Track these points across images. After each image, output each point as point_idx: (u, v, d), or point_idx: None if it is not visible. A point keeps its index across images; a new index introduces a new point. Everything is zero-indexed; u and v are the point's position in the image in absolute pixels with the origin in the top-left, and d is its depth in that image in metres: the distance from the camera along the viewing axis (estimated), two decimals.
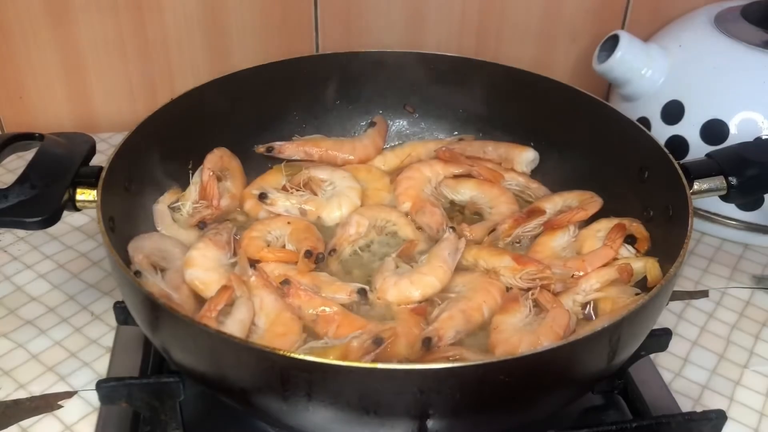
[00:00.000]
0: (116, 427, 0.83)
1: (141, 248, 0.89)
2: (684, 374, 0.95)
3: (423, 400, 0.64)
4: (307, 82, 1.12)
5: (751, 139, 1.07)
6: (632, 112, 1.17)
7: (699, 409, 0.83)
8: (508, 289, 0.90)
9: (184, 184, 1.01)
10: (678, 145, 1.14)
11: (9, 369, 0.92)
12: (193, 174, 1.01)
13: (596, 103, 1.02)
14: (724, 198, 0.91)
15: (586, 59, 1.23)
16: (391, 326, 0.83)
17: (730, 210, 1.15)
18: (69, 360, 0.93)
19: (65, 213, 0.82)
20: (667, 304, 0.84)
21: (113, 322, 0.92)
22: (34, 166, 0.83)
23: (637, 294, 0.87)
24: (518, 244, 0.99)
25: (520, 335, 0.81)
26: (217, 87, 1.03)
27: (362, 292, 0.89)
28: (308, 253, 0.92)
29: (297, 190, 1.04)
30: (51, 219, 0.80)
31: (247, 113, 1.08)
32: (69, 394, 0.89)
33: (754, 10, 1.22)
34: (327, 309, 0.86)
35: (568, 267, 0.91)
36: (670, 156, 0.89)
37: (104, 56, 1.33)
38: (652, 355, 0.91)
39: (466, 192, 1.07)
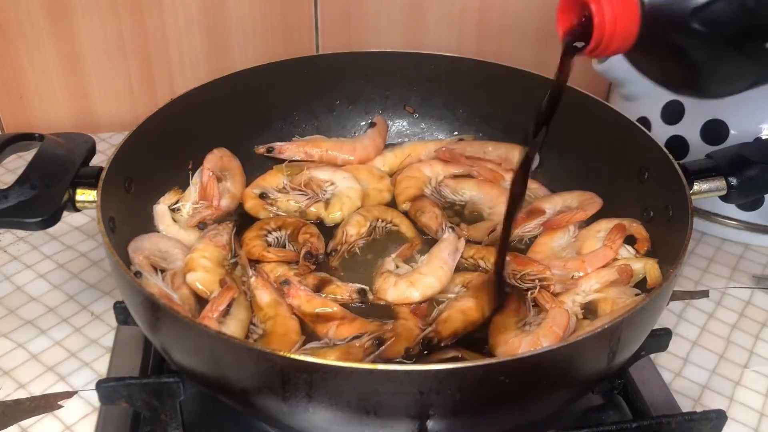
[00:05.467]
0: (116, 427, 0.83)
1: (141, 249, 0.89)
2: (684, 374, 0.96)
3: (423, 401, 0.64)
4: (307, 82, 1.12)
5: (751, 139, 1.07)
6: (632, 112, 1.17)
7: (699, 409, 0.83)
8: (507, 289, 0.91)
9: (185, 185, 1.01)
10: (678, 145, 1.14)
11: (9, 369, 0.92)
12: (193, 174, 1.01)
13: (596, 103, 1.02)
14: (724, 198, 0.91)
15: (586, 59, 1.23)
16: (391, 326, 0.83)
17: (730, 210, 1.15)
18: (69, 360, 0.93)
19: (65, 213, 0.82)
20: (667, 305, 0.84)
21: (113, 322, 0.92)
22: (34, 167, 0.83)
23: (637, 294, 0.87)
24: (515, 243, 0.99)
25: (520, 336, 0.81)
26: (217, 87, 1.03)
27: (362, 293, 0.89)
28: (308, 254, 0.92)
29: (297, 191, 1.04)
30: (51, 219, 0.80)
31: (247, 113, 1.08)
32: (69, 394, 0.89)
33: None
34: (327, 309, 0.86)
35: (567, 268, 0.91)
36: (670, 156, 0.89)
37: (104, 56, 1.33)
38: (652, 355, 0.91)
39: (466, 192, 1.07)
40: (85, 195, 0.83)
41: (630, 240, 0.94)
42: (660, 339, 0.86)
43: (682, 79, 0.66)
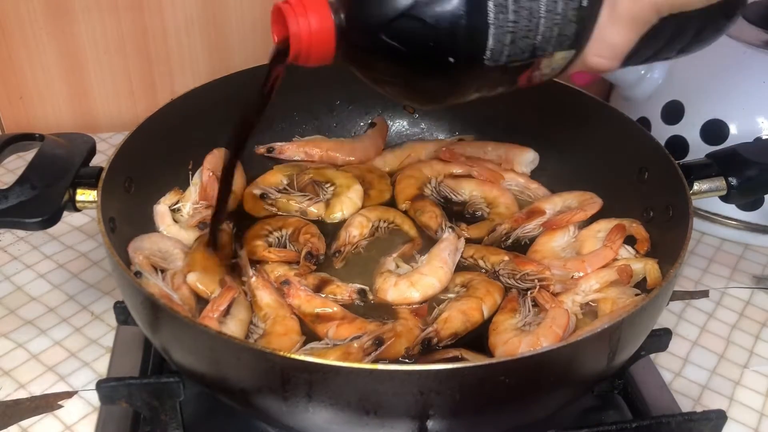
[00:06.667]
0: (116, 427, 0.83)
1: (141, 249, 0.89)
2: (684, 374, 0.96)
3: (423, 401, 0.64)
4: (307, 82, 1.11)
5: (751, 139, 1.07)
6: (632, 112, 1.17)
7: (699, 409, 0.83)
8: (507, 289, 0.91)
9: (185, 185, 1.01)
10: (678, 145, 1.14)
11: (9, 369, 0.92)
12: (193, 174, 1.01)
13: (596, 103, 1.02)
14: (723, 198, 0.91)
15: None
16: (391, 327, 0.83)
17: (730, 210, 1.15)
18: (69, 360, 0.93)
19: (65, 213, 0.82)
20: (667, 305, 0.84)
21: (113, 322, 0.92)
22: (35, 167, 0.83)
23: (637, 294, 0.87)
24: (508, 241, 0.99)
25: (519, 336, 0.82)
26: (217, 87, 1.02)
27: (362, 293, 0.89)
28: (309, 254, 0.92)
29: (298, 191, 1.04)
30: (51, 219, 0.80)
31: None
32: (69, 394, 0.89)
33: (754, 10, 1.22)
34: (327, 309, 0.86)
35: (567, 268, 0.91)
36: (670, 156, 0.89)
37: (104, 56, 1.33)
38: (652, 355, 0.91)
39: (465, 192, 1.07)
40: (85, 195, 0.83)
41: (630, 240, 0.94)
42: (660, 339, 0.86)
43: (391, 85, 0.68)
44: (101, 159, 0.86)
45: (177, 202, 0.99)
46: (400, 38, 0.61)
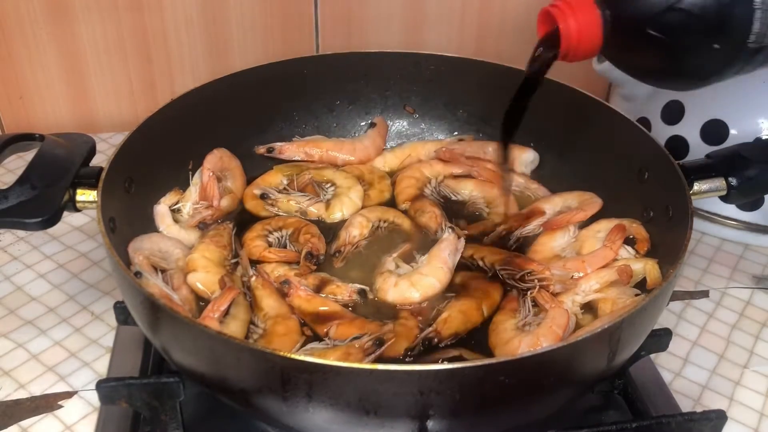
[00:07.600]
0: (116, 427, 0.83)
1: (141, 249, 0.89)
2: (684, 374, 0.96)
3: (423, 401, 0.64)
4: (307, 82, 1.12)
5: (751, 139, 1.07)
6: (632, 112, 1.17)
7: (699, 409, 0.83)
8: (507, 289, 0.91)
9: (185, 185, 1.01)
10: (678, 145, 1.14)
11: (9, 369, 0.92)
12: (193, 174, 1.01)
13: (596, 103, 1.02)
14: (723, 199, 0.91)
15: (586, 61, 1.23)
16: (391, 327, 0.83)
17: (730, 210, 1.15)
18: (69, 360, 0.93)
19: (65, 213, 0.82)
20: (667, 305, 0.84)
21: (113, 322, 0.92)
22: (35, 167, 0.83)
23: (637, 295, 0.87)
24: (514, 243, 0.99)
25: (519, 336, 0.82)
26: (217, 87, 1.03)
27: (362, 293, 0.89)
28: (309, 254, 0.92)
29: (298, 191, 1.04)
30: (51, 220, 0.80)
31: (247, 113, 1.08)
32: (69, 394, 0.89)
33: None
34: (327, 309, 0.86)
35: (567, 268, 0.91)
36: (670, 156, 0.89)
37: (104, 56, 1.33)
38: (652, 355, 0.91)
39: (465, 192, 1.07)
40: (85, 195, 0.83)
41: (630, 240, 0.94)
42: (660, 339, 0.86)
43: (654, 74, 0.74)
44: (101, 159, 0.86)
45: (177, 203, 0.99)
46: (666, 30, 0.66)
